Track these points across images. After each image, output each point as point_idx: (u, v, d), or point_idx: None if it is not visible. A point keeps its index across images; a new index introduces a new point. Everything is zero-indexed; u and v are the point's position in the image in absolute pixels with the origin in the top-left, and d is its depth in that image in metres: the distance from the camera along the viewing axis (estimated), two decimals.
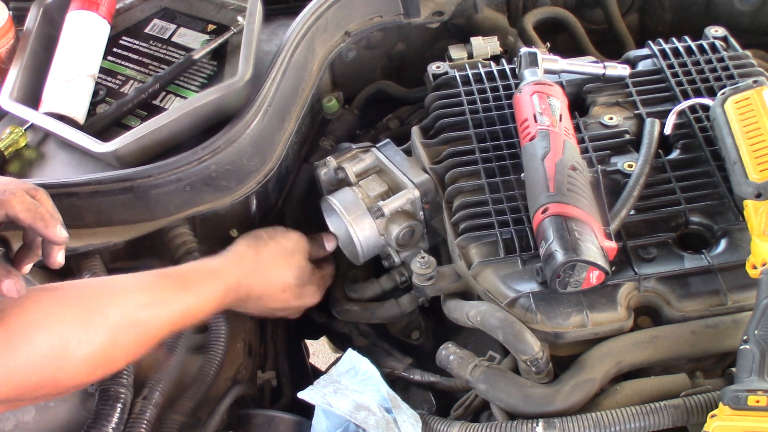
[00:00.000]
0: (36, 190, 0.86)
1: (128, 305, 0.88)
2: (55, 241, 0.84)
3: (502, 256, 0.94)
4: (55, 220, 0.84)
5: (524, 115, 1.01)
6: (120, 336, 0.85)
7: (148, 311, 0.89)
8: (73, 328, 0.81)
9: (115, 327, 0.85)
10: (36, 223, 0.82)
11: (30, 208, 0.82)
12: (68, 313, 0.82)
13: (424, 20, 1.32)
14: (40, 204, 0.84)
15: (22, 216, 0.81)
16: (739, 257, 0.89)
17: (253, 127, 1.07)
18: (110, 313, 0.85)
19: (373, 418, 0.87)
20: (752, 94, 0.96)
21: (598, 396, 0.87)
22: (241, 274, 1.02)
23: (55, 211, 0.85)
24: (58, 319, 0.81)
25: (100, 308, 0.85)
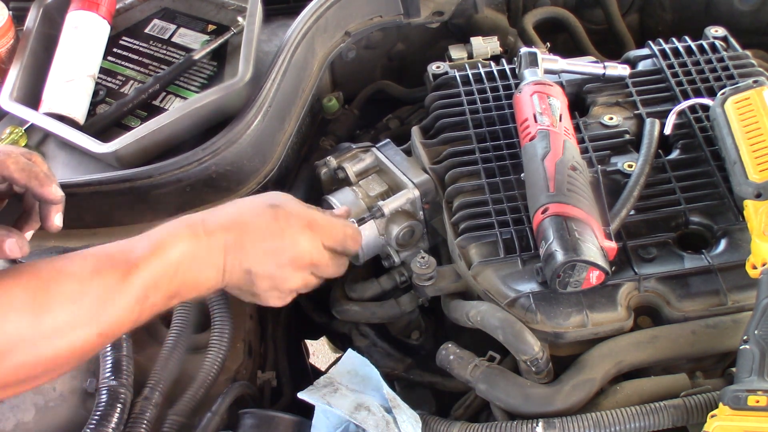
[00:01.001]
0: (31, 153, 0.86)
1: (86, 276, 0.78)
2: (50, 200, 0.84)
3: (502, 256, 0.94)
4: (50, 180, 0.83)
5: (524, 115, 1.01)
6: (79, 308, 0.76)
7: (109, 278, 0.78)
8: (26, 308, 0.73)
9: (73, 299, 0.76)
10: (31, 182, 0.82)
11: (25, 168, 0.82)
12: (15, 309, 0.73)
13: (424, 20, 1.32)
14: (35, 164, 0.84)
15: (17, 176, 0.81)
16: (739, 257, 0.89)
17: (253, 127, 1.07)
18: (58, 312, 0.75)
19: (373, 418, 0.87)
20: (752, 94, 0.96)
21: (598, 396, 0.87)
22: (213, 215, 0.90)
23: (50, 172, 0.85)
24: (9, 303, 0.73)
25: (50, 305, 0.75)
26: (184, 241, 0.85)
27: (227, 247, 0.88)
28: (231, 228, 0.90)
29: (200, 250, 0.87)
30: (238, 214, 0.92)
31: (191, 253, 0.85)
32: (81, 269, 0.78)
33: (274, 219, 0.92)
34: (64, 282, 0.77)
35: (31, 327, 0.73)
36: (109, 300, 0.78)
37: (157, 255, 0.83)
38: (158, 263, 0.82)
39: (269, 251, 0.91)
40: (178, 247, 0.84)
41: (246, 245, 0.90)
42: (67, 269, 0.78)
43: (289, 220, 0.93)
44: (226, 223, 0.90)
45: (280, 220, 0.92)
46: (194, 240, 0.86)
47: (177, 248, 0.84)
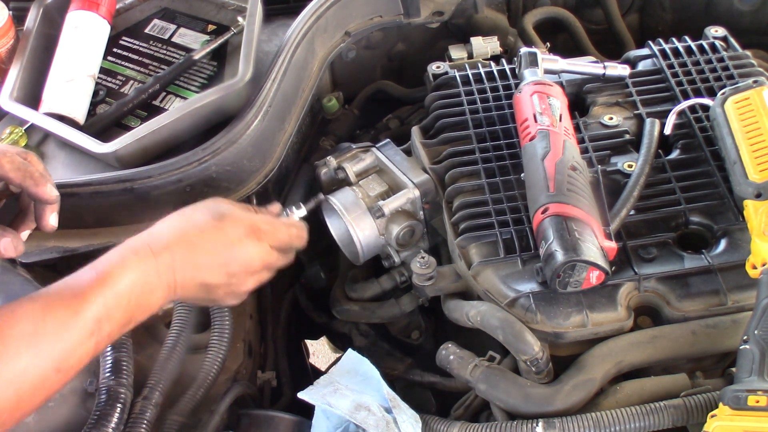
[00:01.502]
0: (27, 153, 0.86)
1: (38, 317, 0.78)
2: (45, 200, 0.84)
3: (502, 256, 0.94)
4: (45, 179, 0.84)
5: (524, 115, 1.01)
6: (36, 349, 0.76)
7: (61, 316, 0.79)
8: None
9: (29, 342, 0.76)
10: (26, 182, 0.82)
11: (20, 167, 0.82)
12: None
13: (424, 20, 1.32)
14: (30, 164, 0.84)
15: (11, 175, 0.82)
16: (739, 257, 0.89)
17: (253, 127, 1.07)
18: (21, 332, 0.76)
19: (373, 418, 0.87)
20: (752, 94, 0.96)
21: (598, 396, 0.87)
22: (158, 237, 0.90)
23: (45, 172, 0.85)
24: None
25: (10, 330, 0.75)
26: (131, 269, 0.85)
27: (176, 266, 0.89)
28: (178, 246, 0.90)
29: (149, 275, 0.87)
30: (183, 231, 0.92)
31: (140, 280, 0.85)
32: (32, 311, 0.78)
33: (220, 231, 0.93)
34: (16, 325, 0.76)
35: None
36: (63, 337, 0.78)
37: (107, 286, 0.82)
38: (108, 294, 0.82)
39: (220, 263, 0.92)
40: (127, 276, 0.84)
41: (196, 260, 0.90)
42: (18, 312, 0.78)
43: (235, 229, 0.94)
44: (173, 242, 0.90)
45: (227, 231, 0.93)
46: (142, 265, 0.86)
47: (125, 277, 0.84)
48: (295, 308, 1.32)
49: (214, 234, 0.93)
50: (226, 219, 0.94)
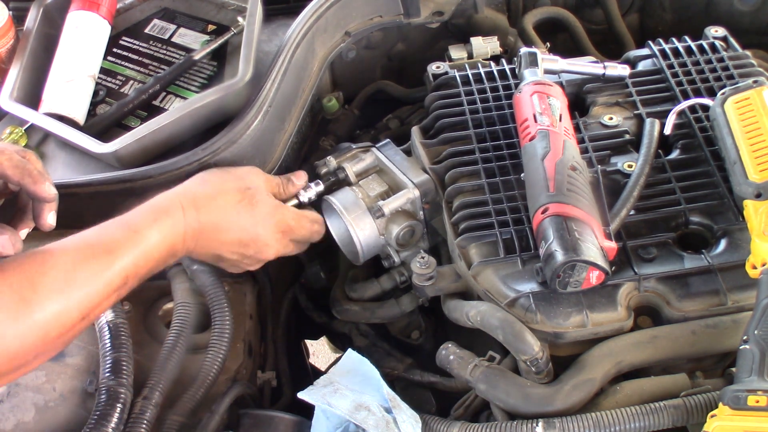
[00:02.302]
0: (25, 151, 0.87)
1: (69, 268, 0.81)
2: (43, 198, 0.85)
3: (502, 256, 0.94)
4: (43, 177, 0.84)
5: (524, 115, 1.01)
6: (67, 299, 0.79)
7: (87, 269, 0.82)
8: (16, 303, 0.76)
9: (61, 291, 0.79)
10: (24, 180, 0.83)
11: (18, 165, 0.83)
12: (9, 290, 0.76)
13: (424, 20, 1.32)
14: (29, 162, 0.84)
15: (10, 172, 0.82)
16: (739, 257, 0.89)
17: (253, 127, 1.07)
18: (53, 281, 0.79)
19: (373, 418, 0.87)
20: (752, 94, 0.96)
21: (598, 396, 0.87)
22: (191, 201, 0.95)
23: (44, 170, 0.86)
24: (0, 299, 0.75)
25: (42, 278, 0.78)
26: (161, 229, 0.90)
27: (200, 234, 0.95)
28: (208, 213, 0.96)
29: (176, 237, 0.92)
30: (216, 201, 0.97)
31: (168, 240, 0.91)
32: (64, 261, 0.81)
33: (249, 213, 0.99)
34: (50, 274, 0.80)
35: (19, 321, 0.75)
36: (93, 290, 0.82)
37: (137, 244, 0.87)
38: (137, 252, 0.87)
39: (240, 243, 0.99)
40: (156, 235, 0.89)
41: (220, 234, 0.97)
42: (50, 262, 0.81)
43: (266, 220, 1.00)
44: (204, 206, 0.96)
45: (257, 219, 1.00)
46: (171, 227, 0.91)
47: (154, 236, 0.89)
48: (295, 308, 1.32)
49: (245, 215, 0.99)
50: (261, 205, 1.00)
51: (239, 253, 1.00)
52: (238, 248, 0.99)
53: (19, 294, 0.77)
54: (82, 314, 0.81)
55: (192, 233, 0.94)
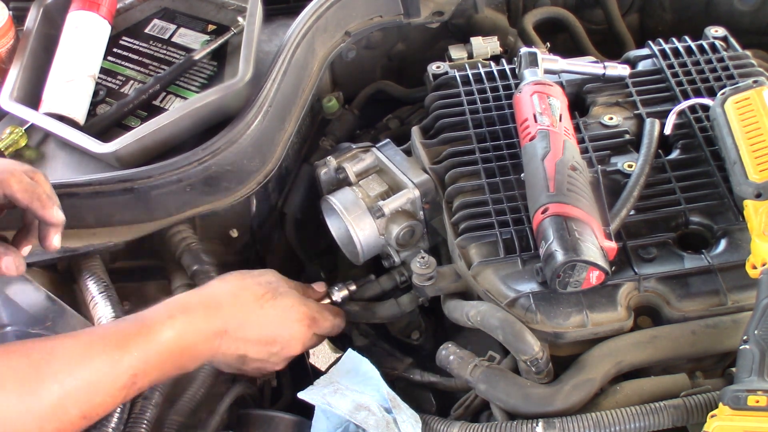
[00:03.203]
0: (34, 172, 0.86)
1: (76, 360, 0.79)
2: (51, 222, 0.84)
3: (502, 256, 0.94)
4: (52, 202, 0.84)
5: (524, 115, 1.01)
6: (68, 392, 0.77)
7: (99, 364, 0.80)
8: (16, 390, 0.74)
9: (63, 384, 0.77)
10: (33, 204, 0.82)
11: (28, 189, 0.82)
12: (12, 375, 0.75)
13: (424, 20, 1.32)
14: (38, 185, 0.84)
15: (19, 196, 0.82)
16: (739, 257, 0.89)
17: (253, 127, 1.07)
18: (57, 372, 0.77)
19: (373, 418, 0.87)
20: (752, 94, 0.96)
21: (598, 396, 0.87)
22: (213, 300, 0.93)
23: (52, 193, 0.85)
24: (1, 384, 0.74)
25: (46, 367, 0.77)
26: (177, 328, 0.86)
27: (226, 334, 0.91)
28: (232, 314, 0.92)
29: (196, 337, 0.88)
30: (240, 301, 0.94)
31: (184, 341, 0.87)
32: (72, 353, 0.79)
33: (276, 312, 0.96)
34: (54, 364, 0.77)
35: (18, 409, 0.74)
36: (97, 387, 0.79)
37: (150, 342, 0.83)
38: (150, 349, 0.83)
39: (266, 341, 0.96)
40: (171, 335, 0.85)
41: (246, 333, 0.93)
42: (57, 352, 0.79)
43: (291, 314, 0.97)
44: (227, 309, 0.92)
45: (282, 314, 0.97)
46: (190, 327, 0.87)
47: (169, 335, 0.85)
48: None
49: (270, 311, 0.96)
50: (284, 299, 0.98)
51: (266, 351, 0.96)
52: (264, 346, 0.96)
53: (21, 380, 0.75)
54: (83, 413, 0.78)
55: (215, 334, 0.90)
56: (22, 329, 0.98)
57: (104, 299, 0.99)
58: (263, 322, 0.95)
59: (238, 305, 0.94)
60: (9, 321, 0.96)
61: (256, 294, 0.96)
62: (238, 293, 0.95)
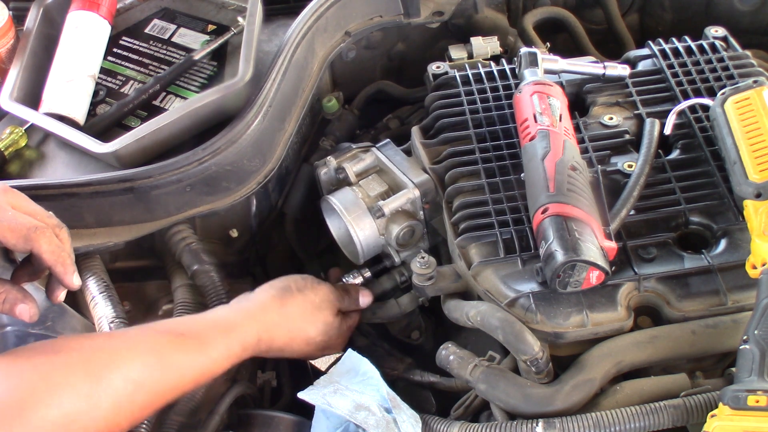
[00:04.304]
0: (60, 227, 0.88)
1: (133, 370, 0.82)
2: (68, 287, 0.86)
3: (502, 256, 0.94)
4: (73, 267, 0.86)
5: (524, 115, 1.01)
6: (124, 403, 0.80)
7: (155, 375, 0.84)
8: (77, 400, 0.76)
9: (120, 394, 0.80)
10: (56, 267, 0.84)
11: (55, 251, 0.84)
12: (71, 384, 0.77)
13: (424, 20, 1.32)
14: (63, 247, 0.85)
15: (46, 257, 0.83)
16: (739, 257, 0.89)
17: (253, 127, 1.07)
18: (114, 380, 0.80)
19: (373, 418, 0.87)
20: (752, 94, 0.96)
21: (598, 396, 0.87)
22: (261, 328, 0.97)
23: (72, 254, 0.87)
24: (60, 392, 0.76)
25: (104, 374, 0.79)
26: (254, 325, 0.96)
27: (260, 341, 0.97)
28: (278, 349, 1.00)
29: (245, 351, 0.95)
30: (291, 339, 1.02)
31: (250, 344, 0.95)
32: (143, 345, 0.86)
33: (317, 350, 1.05)
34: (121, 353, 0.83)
35: (85, 403, 0.77)
36: (174, 377, 0.86)
37: (226, 341, 0.92)
38: (224, 349, 0.91)
39: (300, 340, 1.02)
40: (251, 329, 0.95)
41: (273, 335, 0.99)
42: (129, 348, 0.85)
43: (329, 342, 1.06)
44: (277, 346, 1.00)
45: (323, 346, 1.05)
46: (238, 343, 0.94)
47: (241, 338, 0.94)
48: None
49: (289, 308, 1.01)
50: (299, 293, 1.03)
51: (305, 347, 1.04)
52: (301, 344, 1.03)
53: (93, 368, 0.79)
54: (133, 417, 0.83)
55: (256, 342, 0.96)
56: (22, 329, 0.98)
57: (104, 299, 0.99)
58: (312, 332, 1.03)
59: (288, 341, 1.01)
60: (9, 321, 0.97)
61: (308, 337, 1.03)
62: (286, 304, 1.01)
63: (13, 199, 0.87)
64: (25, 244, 0.82)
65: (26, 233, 0.82)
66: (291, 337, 1.01)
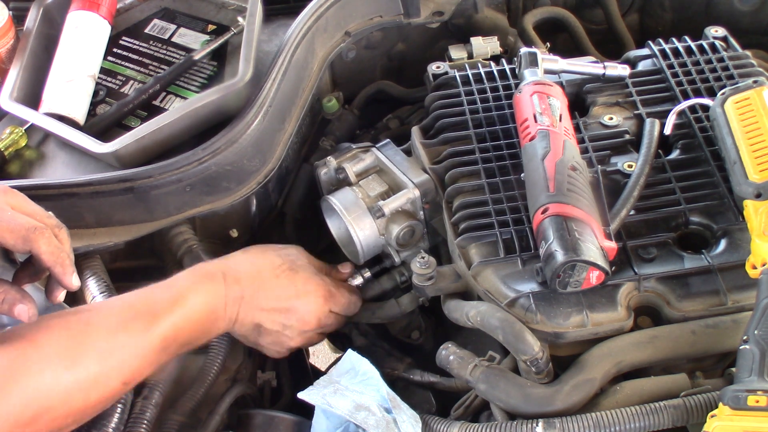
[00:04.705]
0: (60, 227, 0.88)
1: (112, 329, 0.84)
2: (67, 287, 0.86)
3: (502, 256, 0.94)
4: (72, 267, 0.86)
5: (524, 115, 1.01)
6: (108, 360, 0.82)
7: (134, 331, 0.85)
8: (61, 362, 0.79)
9: (103, 352, 0.82)
10: (56, 268, 0.84)
11: (54, 252, 0.84)
12: (54, 348, 0.80)
13: (424, 20, 1.32)
14: (62, 248, 0.85)
15: (45, 258, 0.83)
16: (739, 257, 0.89)
17: (253, 127, 1.07)
18: (96, 342, 0.82)
19: (373, 418, 0.87)
20: (752, 94, 0.96)
21: (598, 396, 0.87)
22: (232, 269, 0.96)
23: (72, 255, 0.87)
24: (46, 358, 0.79)
25: (86, 338, 0.82)
26: (203, 294, 0.92)
27: (243, 300, 0.96)
28: (249, 282, 0.97)
29: (218, 303, 0.94)
30: (258, 269, 0.99)
31: (209, 306, 0.93)
32: (108, 322, 0.85)
33: (291, 281, 1.01)
34: (93, 335, 0.83)
35: (65, 381, 0.78)
36: (134, 353, 0.85)
37: (179, 307, 0.89)
38: (179, 316, 0.89)
39: (281, 311, 1.00)
40: (198, 300, 0.91)
41: (261, 302, 0.98)
42: (94, 322, 0.85)
43: (306, 284, 1.02)
44: (246, 277, 0.97)
45: (298, 283, 1.01)
46: (212, 292, 0.93)
47: (197, 301, 0.91)
48: None
49: (285, 281, 1.00)
50: (301, 271, 1.02)
51: (280, 322, 1.00)
52: (278, 316, 1.00)
53: (65, 351, 0.79)
54: (124, 378, 0.84)
55: (233, 301, 0.95)
56: None
57: (105, 299, 0.99)
58: (278, 292, 0.99)
59: (255, 274, 0.98)
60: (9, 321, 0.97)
61: (274, 264, 1.01)
62: (256, 263, 1.00)
63: (12, 199, 0.87)
64: (24, 244, 0.82)
65: (25, 234, 0.82)
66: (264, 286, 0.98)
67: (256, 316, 0.98)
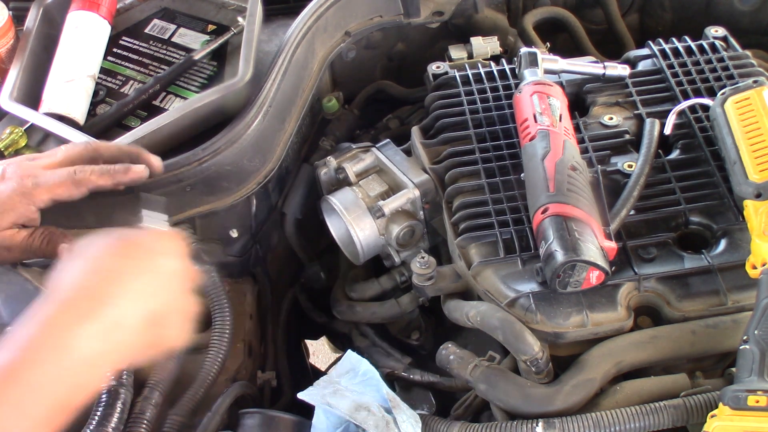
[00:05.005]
0: (91, 149, 0.88)
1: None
2: (153, 170, 0.87)
3: (502, 256, 0.94)
4: (125, 166, 0.86)
5: (524, 115, 1.01)
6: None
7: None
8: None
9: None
10: (117, 179, 0.84)
11: (103, 173, 0.84)
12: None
13: (424, 20, 1.32)
14: (100, 159, 0.85)
15: (102, 183, 0.84)
16: (739, 257, 0.89)
17: (253, 127, 1.07)
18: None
19: (373, 419, 0.87)
20: (752, 94, 0.96)
21: (598, 396, 0.87)
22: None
23: (120, 152, 0.87)
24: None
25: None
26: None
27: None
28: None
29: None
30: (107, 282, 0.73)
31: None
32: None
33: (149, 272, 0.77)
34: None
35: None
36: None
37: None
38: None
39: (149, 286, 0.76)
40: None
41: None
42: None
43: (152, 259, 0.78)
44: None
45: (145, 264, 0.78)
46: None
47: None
48: (295, 308, 1.32)
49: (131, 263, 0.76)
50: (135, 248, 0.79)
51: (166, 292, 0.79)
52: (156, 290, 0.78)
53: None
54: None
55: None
56: None
57: None
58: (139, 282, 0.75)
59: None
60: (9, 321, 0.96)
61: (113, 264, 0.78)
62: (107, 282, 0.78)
63: (39, 162, 0.87)
64: (79, 188, 0.83)
65: (70, 181, 0.83)
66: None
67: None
